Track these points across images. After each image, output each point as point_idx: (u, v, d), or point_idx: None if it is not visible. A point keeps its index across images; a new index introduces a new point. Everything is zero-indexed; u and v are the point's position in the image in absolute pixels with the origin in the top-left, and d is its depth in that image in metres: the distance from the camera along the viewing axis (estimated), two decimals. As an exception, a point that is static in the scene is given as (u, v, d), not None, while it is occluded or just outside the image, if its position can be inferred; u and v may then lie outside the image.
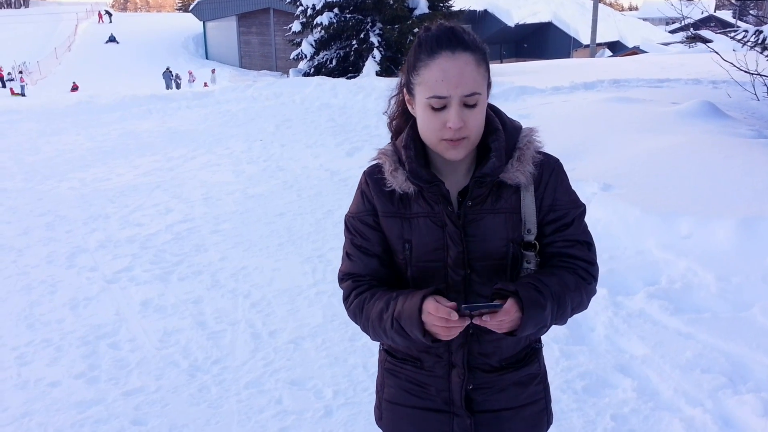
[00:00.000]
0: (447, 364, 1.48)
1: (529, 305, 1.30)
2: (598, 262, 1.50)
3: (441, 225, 1.41)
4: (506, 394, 1.51)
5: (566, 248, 1.44)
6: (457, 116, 1.32)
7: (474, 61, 1.34)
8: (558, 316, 1.39)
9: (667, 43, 35.80)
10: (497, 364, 1.49)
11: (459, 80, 1.32)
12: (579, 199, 1.50)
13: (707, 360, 3.26)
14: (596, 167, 5.90)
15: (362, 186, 1.51)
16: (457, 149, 1.37)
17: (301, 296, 4.46)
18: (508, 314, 1.29)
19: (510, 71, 15.67)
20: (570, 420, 2.94)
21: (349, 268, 1.52)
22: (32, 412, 3.19)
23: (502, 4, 36.37)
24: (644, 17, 56.17)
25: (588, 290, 1.45)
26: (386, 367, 1.60)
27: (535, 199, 1.44)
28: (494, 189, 1.43)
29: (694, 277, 4.02)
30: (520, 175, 1.41)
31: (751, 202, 4.64)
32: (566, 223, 1.45)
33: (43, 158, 9.37)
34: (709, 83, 11.33)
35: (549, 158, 1.48)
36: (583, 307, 1.46)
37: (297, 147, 9.38)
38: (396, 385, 1.57)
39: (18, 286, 4.82)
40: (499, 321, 1.29)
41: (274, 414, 3.10)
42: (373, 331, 1.46)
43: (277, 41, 38.06)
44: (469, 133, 1.36)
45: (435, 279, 1.42)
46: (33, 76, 35.97)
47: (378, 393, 1.65)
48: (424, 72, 1.35)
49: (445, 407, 1.51)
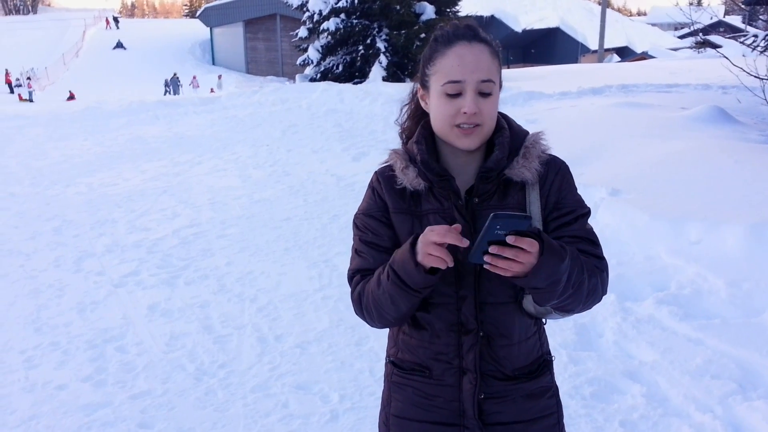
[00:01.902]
0: (458, 372, 1.44)
1: (549, 249, 1.23)
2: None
3: (450, 221, 1.40)
4: (518, 406, 1.46)
5: (573, 244, 1.41)
6: (473, 101, 1.34)
7: (489, 51, 1.38)
8: (575, 284, 1.32)
9: (676, 49, 35.71)
10: (510, 373, 1.45)
11: (475, 66, 1.35)
12: (584, 202, 1.49)
13: (717, 366, 3.23)
14: (604, 172, 5.87)
15: (373, 184, 1.51)
16: (470, 137, 1.37)
17: (307, 301, 4.45)
18: (530, 245, 1.20)
19: (517, 77, 15.68)
20: (578, 426, 2.91)
21: (358, 265, 1.49)
22: (40, 415, 3.19)
23: (510, 10, 36.44)
24: (653, 22, 56.18)
25: (602, 278, 1.41)
26: (393, 380, 1.55)
27: (540, 197, 1.43)
28: (501, 186, 1.43)
29: (704, 283, 3.98)
30: (526, 171, 1.41)
31: (761, 207, 4.60)
32: (571, 221, 1.44)
33: (51, 163, 9.41)
34: (719, 88, 11.28)
35: (556, 159, 1.48)
36: (597, 296, 1.41)
37: (303, 152, 9.39)
38: (403, 399, 1.52)
39: (26, 290, 4.84)
40: (515, 253, 1.20)
41: (280, 418, 3.09)
42: (375, 303, 1.40)
43: (283, 47, 38.24)
44: (483, 121, 1.37)
45: (446, 275, 1.39)
46: (41, 82, 36.24)
47: (384, 408, 1.59)
48: (440, 60, 1.38)
49: (455, 420, 1.46)
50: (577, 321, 3.80)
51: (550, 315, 1.48)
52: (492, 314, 1.42)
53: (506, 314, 1.43)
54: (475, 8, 20.39)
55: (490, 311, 1.42)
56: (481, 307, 1.42)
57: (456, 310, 1.42)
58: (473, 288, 1.41)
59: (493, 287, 1.41)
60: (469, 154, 1.45)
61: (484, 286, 1.41)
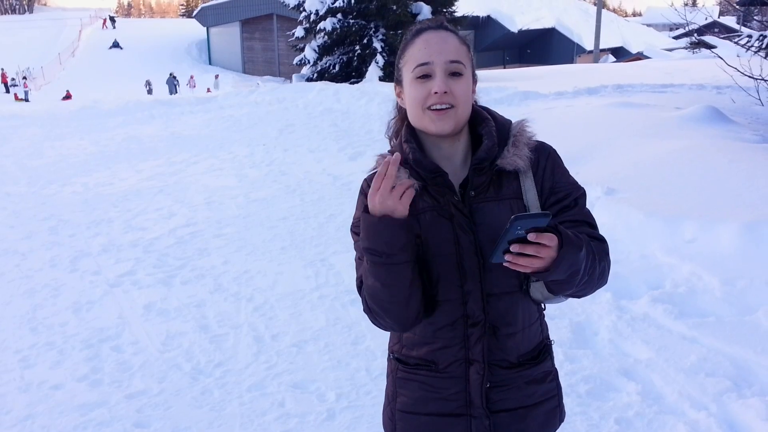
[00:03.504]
0: (464, 362, 1.45)
1: (567, 241, 1.24)
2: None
3: (448, 217, 1.41)
4: (522, 392, 1.48)
5: (574, 228, 1.40)
6: (442, 80, 1.36)
7: (456, 39, 1.41)
8: (590, 269, 1.33)
9: (671, 49, 35.80)
10: (515, 360, 1.47)
11: (442, 47, 1.38)
12: (578, 183, 1.49)
13: (712, 364, 3.25)
14: (600, 171, 5.89)
15: (364, 190, 1.48)
16: (443, 119, 1.38)
17: (303, 300, 4.45)
18: (550, 240, 1.20)
19: (513, 77, 15.71)
20: (574, 424, 2.92)
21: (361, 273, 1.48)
22: (35, 414, 3.18)
23: (506, 10, 36.46)
24: (648, 23, 56.27)
25: (608, 261, 1.43)
26: (398, 376, 1.55)
27: (534, 184, 1.44)
28: (494, 178, 1.43)
29: (699, 281, 4.00)
30: (518, 159, 1.42)
31: (755, 206, 4.63)
32: (569, 204, 1.45)
33: (47, 163, 9.40)
34: (713, 88, 11.32)
35: (544, 144, 1.49)
36: (604, 279, 1.42)
37: (300, 152, 9.39)
38: (410, 394, 1.52)
39: (21, 289, 4.83)
40: (536, 249, 1.20)
41: (277, 417, 3.09)
42: (371, 298, 1.39)
43: (280, 47, 38.17)
44: (455, 101, 1.38)
45: (450, 271, 1.40)
46: (37, 82, 36.12)
47: (390, 404, 1.58)
48: (409, 50, 1.42)
49: (463, 410, 1.47)
50: (572, 319, 3.82)
51: (556, 300, 1.48)
52: (497, 305, 1.43)
53: (511, 303, 1.45)
54: (471, 8, 20.41)
55: (495, 302, 1.43)
56: (487, 299, 1.42)
57: (462, 305, 1.42)
58: (478, 281, 1.41)
59: (497, 278, 1.41)
60: (451, 145, 1.45)
61: (489, 278, 1.41)
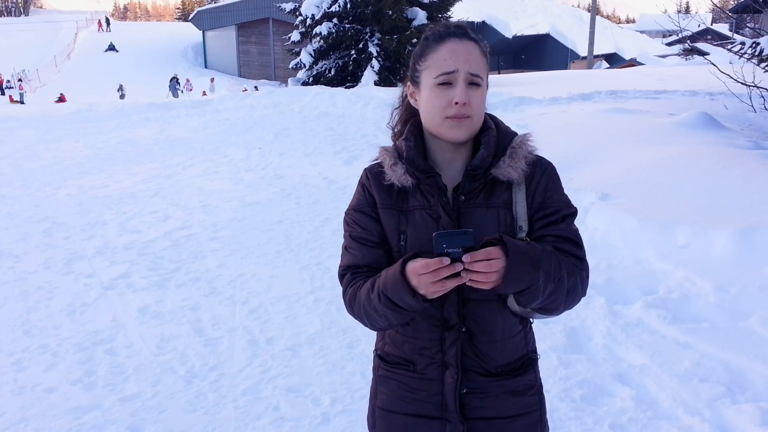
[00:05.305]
0: (440, 366, 1.47)
1: (514, 249, 1.27)
2: (595, 270, 1.49)
3: (436, 217, 1.43)
4: (500, 402, 1.49)
5: (556, 243, 1.44)
6: (464, 91, 1.39)
7: (479, 49, 1.43)
8: (554, 278, 1.34)
9: (664, 56, 36.03)
10: (493, 369, 1.47)
11: (467, 57, 1.40)
12: (571, 202, 1.51)
13: (705, 369, 3.26)
14: (594, 177, 5.92)
15: (363, 180, 1.55)
16: (460, 128, 1.41)
17: (298, 303, 4.45)
18: (490, 255, 1.25)
19: (508, 82, 15.75)
20: (568, 429, 2.93)
21: (348, 261, 1.52)
22: (29, 417, 3.17)
23: (500, 16, 36.59)
24: (641, 30, 56.58)
25: (581, 277, 1.43)
26: (380, 374, 1.59)
27: (526, 197, 1.46)
28: (487, 185, 1.45)
29: (692, 287, 4.02)
30: (512, 171, 1.44)
31: (748, 212, 4.66)
32: (556, 220, 1.46)
33: (42, 165, 9.37)
34: (706, 95, 11.38)
35: (542, 159, 1.51)
36: (576, 295, 1.43)
37: (295, 155, 9.39)
38: (389, 392, 1.55)
39: (15, 292, 4.81)
40: (485, 264, 1.24)
41: (271, 421, 3.09)
42: (367, 316, 1.44)
43: (276, 51, 38.22)
44: (473, 112, 1.41)
45: None
46: (32, 84, 36.04)
47: (372, 400, 1.63)
48: (432, 55, 1.43)
49: (438, 413, 1.49)
50: (566, 324, 3.83)
51: (533, 315, 1.50)
52: (475, 311, 1.45)
53: (490, 311, 1.46)
54: (466, 14, 20.45)
55: (473, 308, 1.45)
56: (464, 303, 1.44)
57: (439, 307, 1.44)
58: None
59: None
60: (456, 150, 1.48)
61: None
